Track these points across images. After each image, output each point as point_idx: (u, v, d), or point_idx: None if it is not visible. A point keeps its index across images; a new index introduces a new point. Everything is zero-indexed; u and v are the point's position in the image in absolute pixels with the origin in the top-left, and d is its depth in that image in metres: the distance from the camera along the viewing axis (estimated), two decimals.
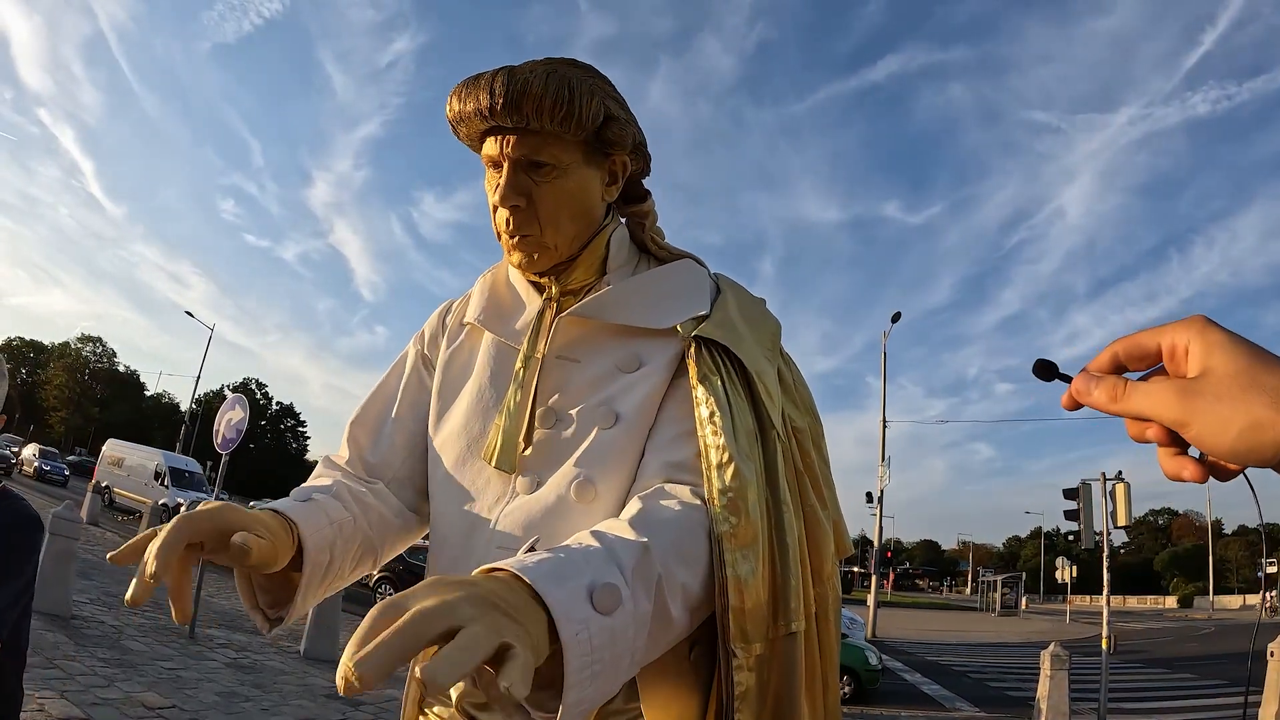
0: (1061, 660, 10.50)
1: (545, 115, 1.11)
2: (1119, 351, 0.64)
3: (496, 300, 1.31)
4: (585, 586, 0.77)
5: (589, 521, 1.04)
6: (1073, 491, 13.48)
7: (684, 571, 0.91)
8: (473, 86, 1.14)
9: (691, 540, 0.95)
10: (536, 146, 1.15)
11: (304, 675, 8.17)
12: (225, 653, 8.46)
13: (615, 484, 1.10)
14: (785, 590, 1.02)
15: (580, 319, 1.20)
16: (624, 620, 0.78)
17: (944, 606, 64.02)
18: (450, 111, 1.18)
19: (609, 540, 0.86)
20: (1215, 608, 53.53)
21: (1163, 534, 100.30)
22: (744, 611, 0.95)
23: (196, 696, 6.36)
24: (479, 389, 1.23)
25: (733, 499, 1.00)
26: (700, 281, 1.27)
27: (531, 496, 1.12)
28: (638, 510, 0.96)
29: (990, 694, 14.71)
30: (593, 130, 1.16)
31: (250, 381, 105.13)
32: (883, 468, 25.82)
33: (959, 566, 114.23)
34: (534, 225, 1.17)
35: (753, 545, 0.99)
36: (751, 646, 0.96)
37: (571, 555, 0.81)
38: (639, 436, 1.13)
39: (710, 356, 1.14)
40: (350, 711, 6.98)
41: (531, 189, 1.16)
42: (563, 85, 1.11)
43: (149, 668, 6.94)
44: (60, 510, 8.72)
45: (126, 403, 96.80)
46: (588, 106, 1.13)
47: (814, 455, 1.21)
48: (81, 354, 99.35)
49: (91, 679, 6.13)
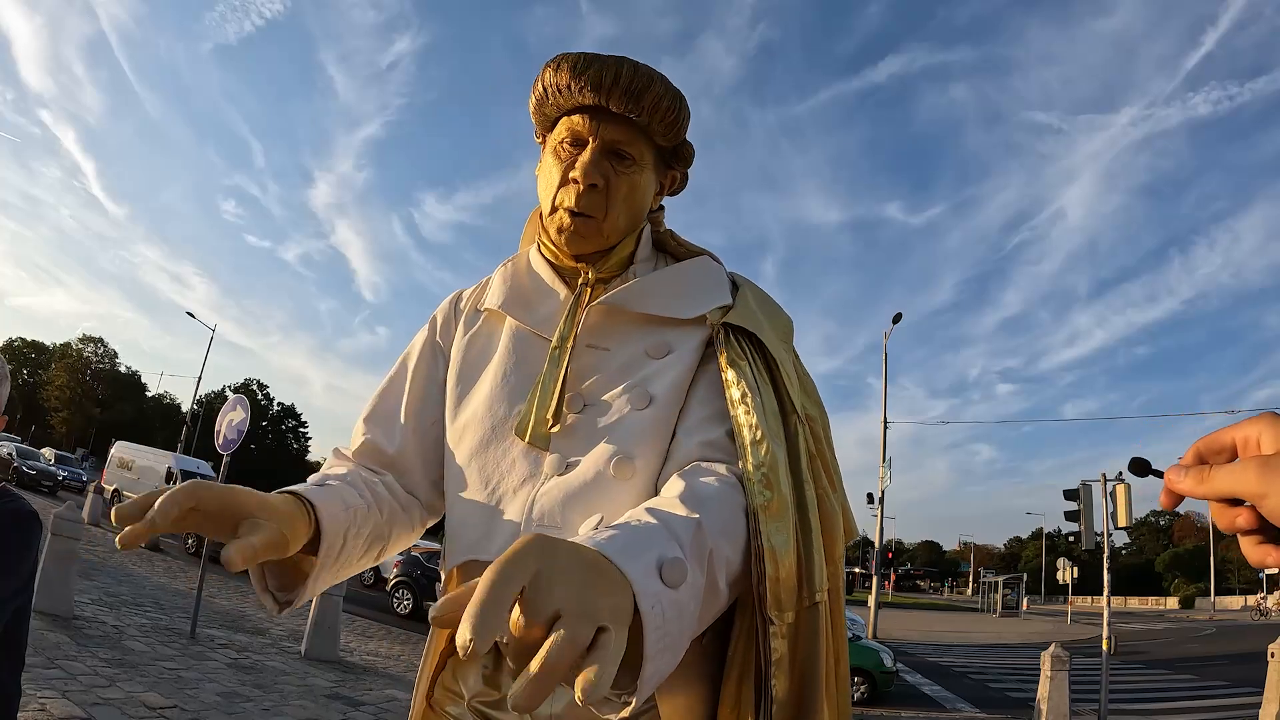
0: (1062, 661, 10.50)
1: (658, 114, 1.20)
2: (1200, 448, 0.70)
3: (519, 287, 1.33)
4: (655, 561, 0.79)
5: (626, 497, 1.10)
6: (1073, 493, 13.48)
7: (728, 546, 0.95)
8: (595, 60, 1.18)
9: (733, 516, 0.99)
10: (629, 138, 1.22)
11: (305, 675, 8.19)
12: (226, 653, 8.47)
13: (650, 461, 1.14)
14: (810, 563, 1.06)
15: (610, 308, 1.24)
16: (686, 594, 0.81)
17: (945, 607, 63.98)
18: (553, 77, 1.21)
19: (665, 517, 0.88)
20: (1216, 609, 53.49)
21: (1164, 535, 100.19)
22: (778, 581, 1.00)
23: (197, 696, 6.37)
24: (503, 373, 1.25)
25: (766, 474, 1.05)
26: (720, 276, 1.34)
27: (569, 475, 1.14)
28: (684, 487, 0.99)
29: (991, 695, 14.71)
30: (675, 143, 1.27)
31: (252, 382, 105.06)
32: (884, 469, 25.82)
33: (960, 567, 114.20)
34: (601, 208, 1.22)
35: (784, 518, 1.04)
36: (784, 615, 1.01)
37: (637, 531, 0.84)
38: (670, 417, 1.17)
39: (737, 343, 1.21)
40: (351, 711, 7.00)
41: (610, 174, 1.22)
42: (677, 95, 1.21)
43: (150, 668, 6.95)
44: (62, 511, 8.73)
45: (128, 403, 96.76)
46: (685, 122, 1.24)
47: (824, 443, 1.25)
48: (83, 354, 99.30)
49: (93, 679, 6.14)
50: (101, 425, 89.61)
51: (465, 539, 1.19)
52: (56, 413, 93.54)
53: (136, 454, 30.45)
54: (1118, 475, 12.70)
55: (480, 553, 1.16)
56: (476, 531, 1.18)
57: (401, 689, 8.58)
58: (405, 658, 10.93)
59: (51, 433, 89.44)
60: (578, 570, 0.70)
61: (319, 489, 1.09)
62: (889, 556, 31.37)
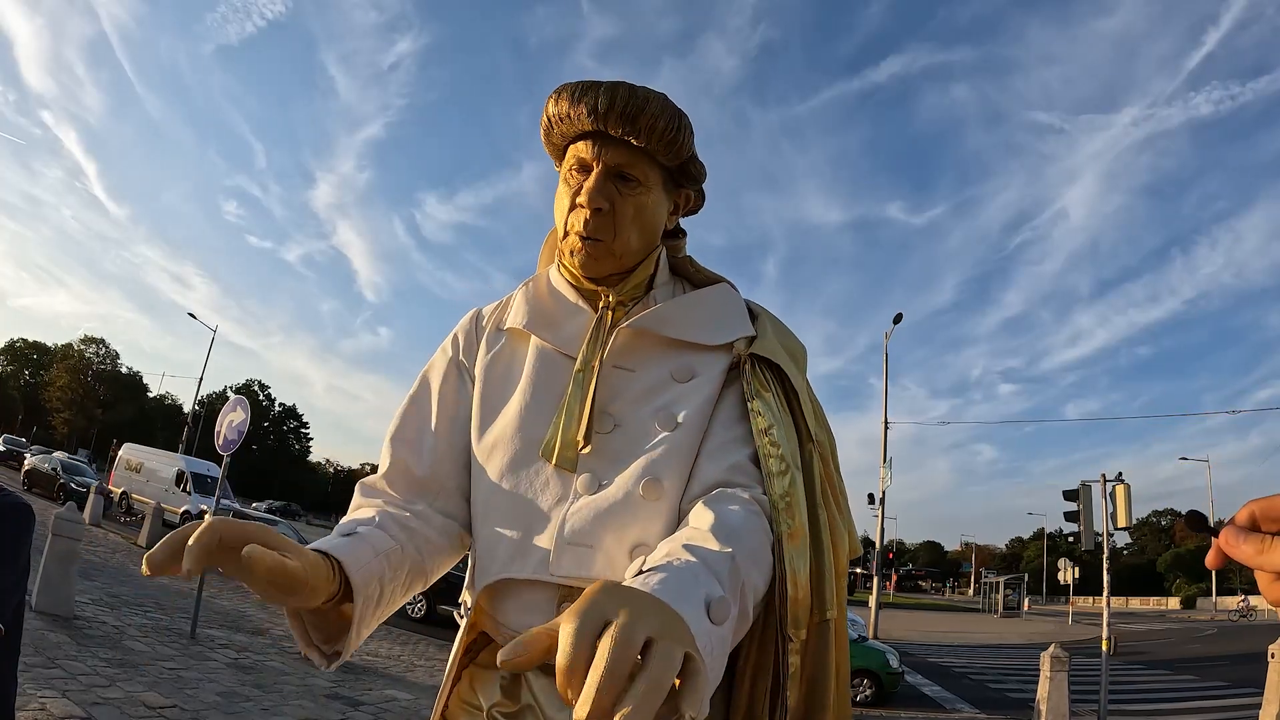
0: (1061, 661, 10.52)
1: (655, 135, 1.20)
2: (1255, 511, 0.69)
3: (541, 307, 1.34)
4: (703, 601, 0.84)
5: (654, 517, 1.14)
6: (1073, 493, 13.47)
7: (756, 574, 1.00)
8: (591, 88, 1.21)
9: (759, 545, 1.04)
10: (632, 160, 1.24)
11: (305, 676, 8.20)
12: (226, 653, 8.49)
13: (677, 483, 1.17)
14: (822, 583, 1.13)
15: (636, 330, 1.27)
16: (728, 627, 0.88)
17: (946, 608, 63.96)
18: (556, 107, 1.24)
19: (704, 555, 0.92)
20: (1218, 609, 53.39)
21: (1165, 535, 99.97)
22: (797, 601, 1.07)
23: (197, 696, 6.39)
24: (530, 392, 1.27)
25: (789, 503, 1.11)
26: (740, 305, 1.38)
27: (599, 494, 1.16)
28: (714, 519, 1.02)
29: (990, 695, 14.72)
30: (680, 162, 1.27)
31: (253, 383, 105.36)
32: (884, 469, 25.82)
33: (962, 568, 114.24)
34: (609, 231, 1.24)
35: (804, 544, 1.11)
36: (800, 632, 1.07)
37: (683, 573, 0.87)
38: (695, 440, 1.20)
39: (762, 373, 1.25)
40: (350, 712, 7.01)
41: (615, 197, 1.24)
42: (675, 114, 1.22)
43: (150, 668, 6.97)
44: (63, 511, 8.75)
45: (130, 404, 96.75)
46: (687, 140, 1.25)
47: (832, 466, 1.30)
48: (85, 355, 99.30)
49: (93, 679, 6.15)
50: (103, 426, 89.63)
51: (498, 559, 1.20)
52: (58, 413, 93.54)
53: (145, 456, 30.09)
54: (1117, 475, 12.72)
55: (514, 572, 1.17)
56: (509, 551, 1.19)
57: (401, 689, 8.59)
58: (405, 658, 10.94)
59: (53, 433, 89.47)
60: (654, 609, 0.72)
61: (346, 541, 1.09)
62: (890, 557, 31.42)
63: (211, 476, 28.47)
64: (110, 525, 22.27)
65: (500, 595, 1.20)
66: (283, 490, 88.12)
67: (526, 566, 1.16)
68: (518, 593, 1.17)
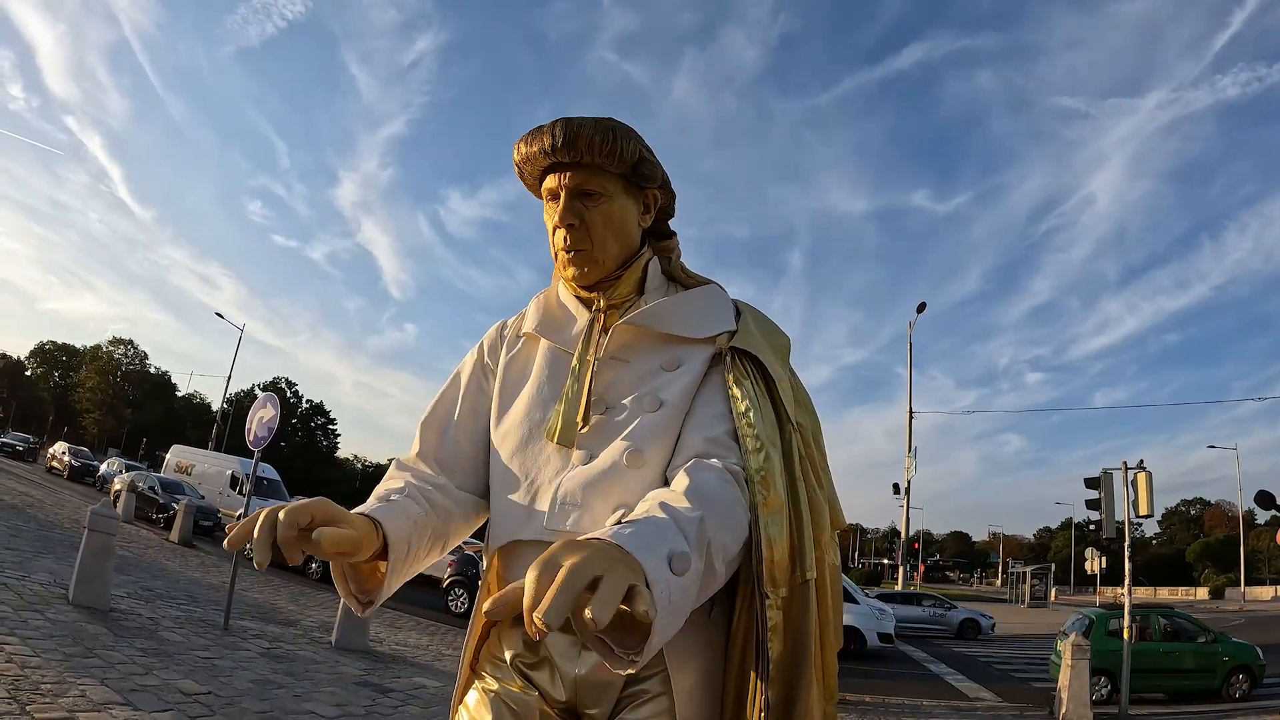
0: (1082, 650, 10.54)
1: (595, 150, 1.40)
2: None
3: (550, 314, 1.57)
4: (666, 554, 1.00)
5: (637, 483, 1.33)
6: (1094, 481, 13.43)
7: (725, 535, 1.16)
8: (537, 132, 1.43)
9: (730, 510, 1.21)
10: (587, 178, 1.43)
11: (335, 664, 8.40)
12: (259, 643, 8.70)
13: (659, 455, 1.36)
14: (802, 547, 1.32)
15: (631, 327, 1.47)
16: (690, 579, 1.02)
17: (974, 598, 63.43)
18: (517, 155, 1.48)
19: (674, 512, 1.10)
20: (1246, 599, 52.91)
21: (1195, 524, 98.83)
22: (773, 563, 1.26)
23: (231, 684, 6.56)
24: (538, 385, 1.50)
25: (764, 476, 1.30)
26: (725, 303, 1.58)
27: (590, 465, 1.37)
28: (689, 484, 1.20)
29: (1014, 684, 14.75)
30: (630, 165, 1.45)
31: (280, 380, 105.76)
32: (909, 459, 25.84)
33: (989, 558, 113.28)
34: (586, 241, 1.45)
35: (779, 512, 1.30)
36: (779, 590, 1.27)
37: (650, 527, 1.04)
38: (678, 418, 1.40)
39: (742, 364, 1.44)
40: (379, 698, 7.17)
41: (584, 212, 1.44)
42: (607, 129, 1.41)
43: (185, 657, 7.15)
44: (98, 508, 8.95)
45: (159, 404, 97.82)
46: (626, 146, 1.42)
47: (814, 446, 1.50)
48: (113, 356, 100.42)
49: (130, 667, 6.33)
50: (133, 426, 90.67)
51: (508, 525, 1.42)
52: (88, 414, 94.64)
53: (196, 458, 29.50)
54: (1139, 463, 12.70)
55: (521, 534, 1.39)
56: (517, 518, 1.40)
57: (429, 677, 8.78)
58: (433, 648, 11.14)
59: (84, 434, 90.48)
60: (605, 557, 0.89)
61: (384, 506, 1.31)
62: (915, 547, 31.33)
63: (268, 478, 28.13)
64: (142, 523, 22.57)
65: (510, 556, 1.44)
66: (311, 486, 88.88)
67: (530, 529, 1.38)
68: (524, 553, 1.40)
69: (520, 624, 1.42)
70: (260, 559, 1.07)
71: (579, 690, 1.36)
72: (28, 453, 38.67)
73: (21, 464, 35.29)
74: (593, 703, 1.36)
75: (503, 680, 1.42)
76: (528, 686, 1.39)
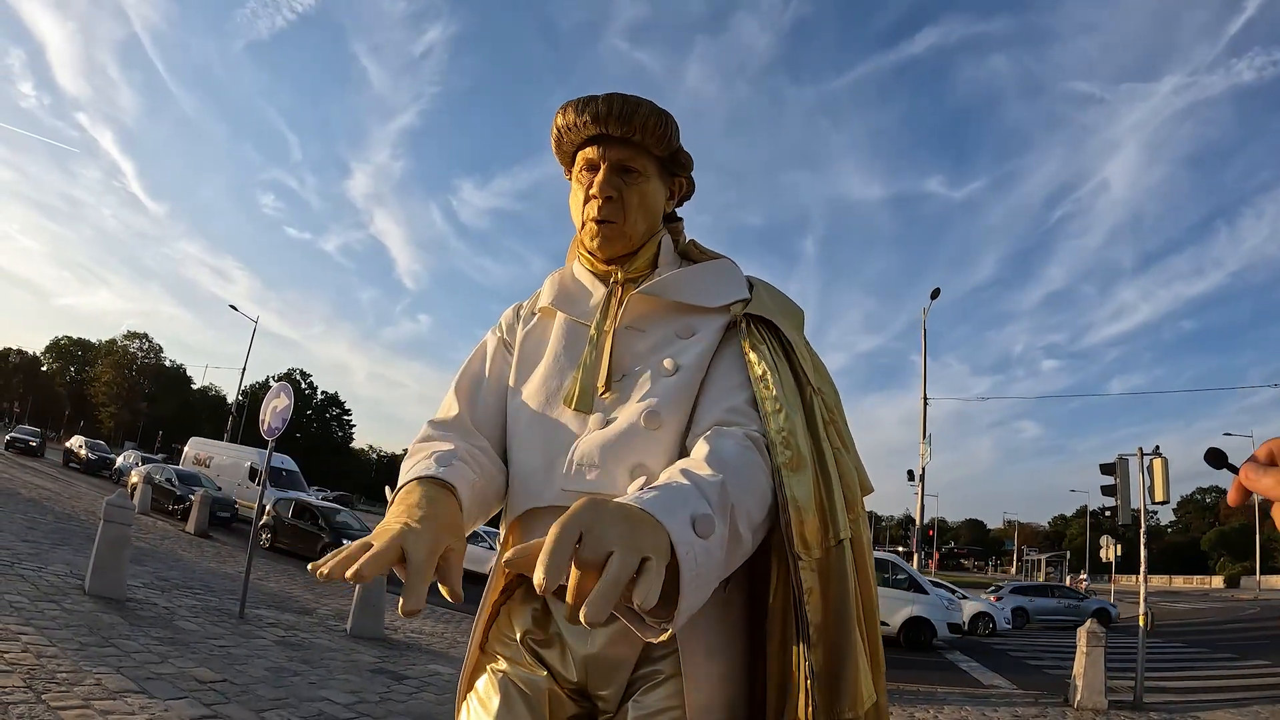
0: (1098, 637, 10.47)
1: (648, 130, 1.45)
2: (1274, 448, 0.77)
3: (565, 289, 1.60)
4: (689, 516, 1.01)
5: (655, 445, 1.34)
6: (1109, 467, 13.33)
7: (748, 499, 1.16)
8: (590, 100, 1.45)
9: (752, 475, 1.20)
10: (632, 155, 1.48)
11: (350, 652, 8.44)
12: (274, 631, 8.75)
13: (676, 417, 1.36)
14: (832, 509, 1.31)
15: (647, 297, 1.49)
16: (715, 543, 1.03)
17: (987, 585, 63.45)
18: (562, 119, 1.49)
19: (695, 478, 1.10)
20: (1262, 588, 52.69)
21: (1210, 513, 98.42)
22: (803, 524, 1.24)
23: (246, 671, 6.60)
24: (555, 355, 1.51)
25: (786, 436, 1.29)
26: (738, 275, 1.59)
27: (607, 428, 1.37)
28: (709, 450, 1.20)
29: (1028, 671, 14.71)
30: (671, 152, 1.51)
31: (295, 372, 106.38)
32: (924, 445, 25.74)
33: (1005, 546, 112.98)
34: (620, 215, 1.48)
35: (803, 471, 1.28)
36: (812, 552, 1.25)
37: (673, 491, 1.05)
38: (694, 382, 1.39)
39: (757, 330, 1.45)
40: (395, 685, 7.21)
41: (622, 187, 1.48)
42: (661, 113, 1.46)
43: (200, 645, 7.20)
44: (114, 499, 9.00)
45: (174, 397, 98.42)
46: (674, 133, 1.48)
47: (836, 412, 1.49)
48: (129, 351, 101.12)
49: (146, 656, 6.37)
50: (149, 419, 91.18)
51: (527, 491, 1.41)
52: (104, 408, 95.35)
53: (214, 450, 29.48)
54: (1154, 449, 12.62)
55: (538, 500, 1.38)
56: (535, 484, 1.40)
57: (444, 664, 8.81)
58: (448, 635, 11.16)
59: (100, 428, 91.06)
60: (625, 521, 0.91)
61: (451, 470, 1.26)
62: (930, 534, 31.24)
63: (286, 470, 28.28)
64: (157, 514, 22.68)
65: (526, 525, 1.42)
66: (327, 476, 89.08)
67: (547, 494, 1.37)
68: (541, 521, 1.37)
69: (531, 599, 1.43)
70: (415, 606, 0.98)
71: (589, 670, 1.34)
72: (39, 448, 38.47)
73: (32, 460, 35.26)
74: (603, 684, 1.34)
75: (512, 660, 1.40)
76: (537, 666, 1.37)
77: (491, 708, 1.34)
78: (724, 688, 1.30)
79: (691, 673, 1.26)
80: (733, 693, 1.32)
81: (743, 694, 1.34)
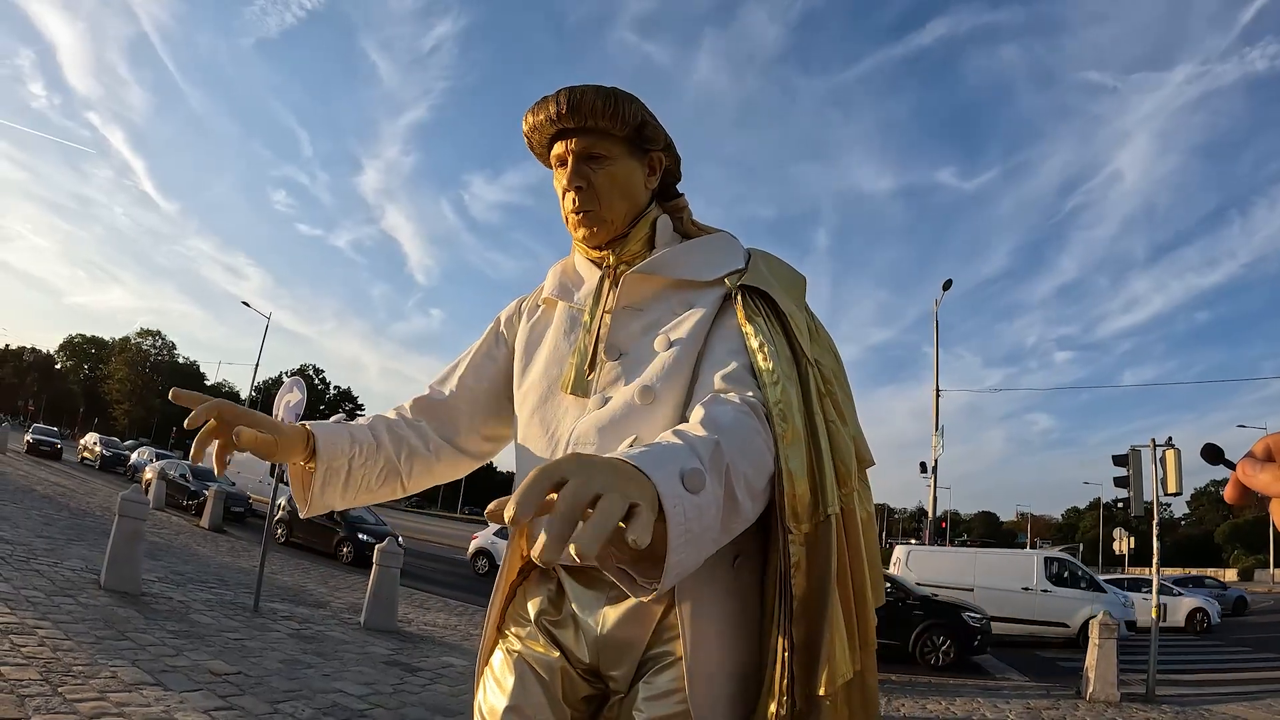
0: (1110, 629, 10.45)
1: (598, 114, 1.46)
2: (1270, 443, 0.77)
3: (565, 279, 1.64)
4: (678, 470, 0.98)
5: (653, 421, 1.35)
6: (1122, 458, 13.25)
7: (745, 463, 1.14)
8: (543, 102, 1.49)
9: (748, 439, 1.19)
10: (592, 142, 1.49)
11: (364, 644, 8.49)
12: (288, 624, 8.80)
13: (672, 392, 1.38)
14: (823, 482, 1.30)
15: (644, 276, 1.50)
16: (707, 499, 1.00)
17: None
18: (526, 125, 1.54)
19: (688, 437, 1.08)
20: (1276, 581, 52.41)
21: (1224, 505, 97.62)
22: (795, 497, 1.24)
23: (261, 664, 6.65)
24: (555, 343, 1.56)
25: (782, 409, 1.29)
26: (735, 247, 1.60)
27: (604, 408, 1.41)
28: (704, 415, 1.18)
29: (1040, 664, 14.68)
30: (633, 129, 1.50)
31: (308, 367, 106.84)
32: (936, 437, 25.65)
33: (1017, 538, 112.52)
34: (594, 202, 1.50)
35: (798, 444, 1.28)
36: (801, 526, 1.25)
37: (663, 447, 1.03)
38: (690, 355, 1.41)
39: (753, 302, 1.44)
40: (408, 677, 7.25)
41: (590, 175, 1.50)
42: (608, 93, 1.47)
43: (215, 638, 7.25)
44: (129, 493, 9.07)
45: None
46: (627, 108, 1.48)
47: (834, 384, 1.47)
48: (142, 348, 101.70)
49: (161, 649, 6.42)
50: (162, 416, 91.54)
51: None
52: (118, 405, 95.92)
53: None
54: (1167, 440, 12.56)
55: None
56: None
57: (457, 656, 8.85)
58: (461, 628, 11.22)
59: (114, 425, 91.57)
60: (612, 471, 0.89)
61: (329, 424, 1.49)
62: (943, 526, 31.18)
63: None
64: (173, 510, 22.80)
65: None
66: None
67: None
68: None
69: (545, 580, 1.46)
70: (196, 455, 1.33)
71: (601, 651, 1.35)
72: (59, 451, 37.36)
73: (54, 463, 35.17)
74: (614, 664, 1.35)
75: (527, 639, 1.42)
76: (551, 646, 1.40)
77: (507, 686, 1.38)
78: (736, 652, 1.30)
79: (696, 638, 1.26)
80: (742, 664, 1.30)
81: (755, 667, 1.31)
